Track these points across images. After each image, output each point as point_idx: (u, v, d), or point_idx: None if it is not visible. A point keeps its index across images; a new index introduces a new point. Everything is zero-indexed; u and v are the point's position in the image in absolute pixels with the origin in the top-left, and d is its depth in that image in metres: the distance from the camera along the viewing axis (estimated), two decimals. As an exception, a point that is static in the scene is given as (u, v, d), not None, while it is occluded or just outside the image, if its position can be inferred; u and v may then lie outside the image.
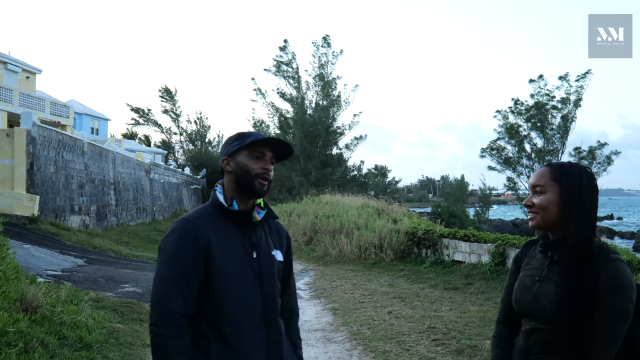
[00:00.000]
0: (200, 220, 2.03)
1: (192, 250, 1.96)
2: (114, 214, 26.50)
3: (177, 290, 1.92)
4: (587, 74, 36.21)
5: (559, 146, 37.91)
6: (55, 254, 12.60)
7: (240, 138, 2.11)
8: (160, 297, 1.93)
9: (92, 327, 5.71)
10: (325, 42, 42.67)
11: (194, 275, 1.95)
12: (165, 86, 69.38)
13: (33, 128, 18.47)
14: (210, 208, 2.10)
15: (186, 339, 1.92)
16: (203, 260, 1.97)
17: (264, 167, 2.08)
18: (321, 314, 8.37)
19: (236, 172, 2.08)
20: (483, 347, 5.93)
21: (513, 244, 9.90)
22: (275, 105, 44.53)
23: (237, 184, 2.09)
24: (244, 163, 2.07)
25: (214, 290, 1.98)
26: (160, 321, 1.91)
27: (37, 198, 17.78)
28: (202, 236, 1.98)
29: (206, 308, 1.98)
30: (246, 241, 2.08)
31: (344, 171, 44.15)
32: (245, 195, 2.10)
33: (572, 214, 1.90)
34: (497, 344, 2.16)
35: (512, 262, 2.19)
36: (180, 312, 1.92)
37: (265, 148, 2.10)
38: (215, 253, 1.98)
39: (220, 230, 2.04)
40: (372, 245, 14.03)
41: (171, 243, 1.99)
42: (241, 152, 2.08)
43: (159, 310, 1.92)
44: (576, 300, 1.82)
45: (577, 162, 2.03)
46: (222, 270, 1.98)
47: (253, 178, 2.06)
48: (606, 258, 1.84)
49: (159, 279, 1.97)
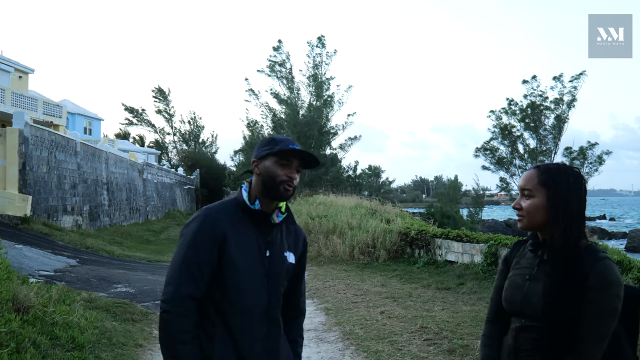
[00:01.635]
0: (220, 213, 2.16)
1: (208, 240, 2.09)
2: (106, 214, 26.43)
3: (189, 273, 2.06)
4: (581, 75, 36.42)
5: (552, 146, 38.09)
6: (48, 254, 12.56)
7: (271, 144, 2.20)
8: (173, 278, 2.07)
9: (84, 328, 5.70)
10: (320, 42, 42.67)
11: (207, 263, 2.08)
12: (159, 86, 69.28)
13: (25, 128, 18.39)
14: (233, 203, 2.23)
15: (191, 319, 2.04)
16: (217, 250, 2.09)
17: (289, 175, 2.17)
18: (314, 313, 8.38)
19: (263, 175, 2.18)
20: (475, 346, 5.96)
21: (505, 244, 9.93)
22: (269, 106, 44.48)
23: (263, 187, 2.19)
24: (271, 169, 2.17)
25: (226, 280, 2.11)
26: (170, 299, 2.04)
27: (30, 198, 17.71)
28: (220, 228, 2.11)
29: (217, 296, 2.11)
30: (261, 239, 2.19)
31: (338, 171, 44.14)
32: (269, 198, 2.20)
33: (559, 218, 1.92)
34: (486, 343, 2.18)
35: (502, 261, 2.22)
36: (190, 294, 2.04)
37: (292, 156, 2.19)
38: (230, 246, 2.10)
39: (238, 225, 2.16)
40: (365, 245, 14.04)
41: (190, 230, 2.12)
42: (270, 157, 2.18)
43: (171, 290, 2.05)
44: (565, 298, 1.85)
45: (565, 164, 2.05)
46: (235, 262, 2.11)
47: (278, 184, 2.16)
48: (595, 257, 1.87)
49: (175, 261, 2.10)
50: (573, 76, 36.57)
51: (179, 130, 67.63)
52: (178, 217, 39.18)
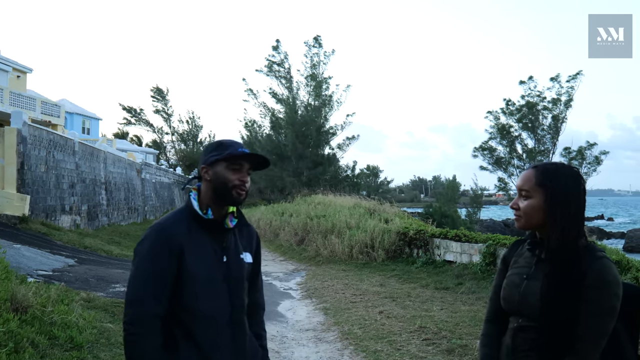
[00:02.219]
0: (173, 226, 2.12)
1: (165, 255, 2.05)
2: (105, 214, 26.39)
3: (151, 291, 2.02)
4: (578, 75, 36.43)
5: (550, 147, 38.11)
6: (46, 254, 12.53)
7: (219, 149, 2.17)
8: (135, 298, 2.03)
9: (82, 327, 5.68)
10: (317, 42, 42.67)
11: (167, 278, 2.05)
12: (157, 86, 69.36)
13: (24, 127, 18.36)
14: (185, 213, 2.18)
15: (158, 338, 2.02)
16: (176, 264, 2.06)
17: (241, 179, 2.15)
18: (313, 313, 8.38)
19: (214, 181, 2.15)
20: (474, 346, 5.96)
21: (504, 244, 9.94)
22: (267, 106, 44.53)
23: (215, 193, 2.16)
24: (222, 174, 2.14)
25: (185, 292, 2.08)
26: (134, 320, 2.00)
27: (28, 198, 17.67)
28: (176, 241, 2.08)
29: (177, 310, 2.08)
30: (217, 246, 2.17)
31: (336, 171, 44.14)
32: (221, 204, 2.18)
33: (557, 219, 1.92)
34: (485, 343, 2.18)
35: (501, 261, 2.22)
36: (154, 312, 2.02)
37: (242, 160, 2.17)
38: (187, 258, 2.08)
39: (192, 235, 2.13)
40: (364, 245, 14.04)
41: (146, 247, 2.08)
42: (219, 162, 2.15)
43: (133, 310, 2.01)
44: (563, 298, 1.85)
45: (563, 163, 2.04)
46: (194, 274, 2.08)
47: (230, 189, 2.14)
48: (592, 256, 1.87)
49: (134, 281, 2.06)
50: (570, 76, 36.61)
51: (177, 130, 67.64)
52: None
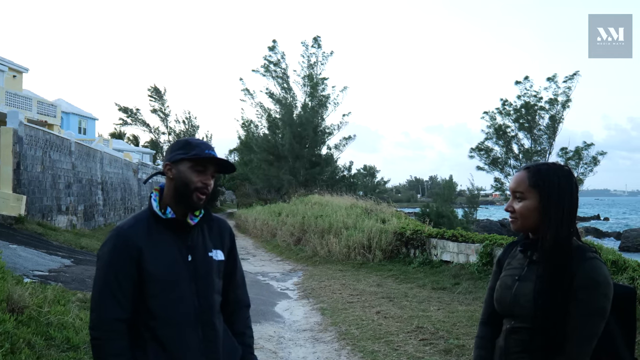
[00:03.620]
0: (132, 228, 2.09)
1: (124, 258, 2.03)
2: (101, 214, 26.35)
3: (111, 296, 2.01)
4: (575, 75, 36.47)
5: (547, 147, 38.13)
6: (42, 254, 12.49)
7: (186, 147, 2.12)
8: (96, 303, 2.03)
9: (79, 328, 5.67)
10: (315, 42, 42.62)
11: (127, 282, 2.03)
12: (154, 85, 69.24)
13: (20, 127, 18.31)
14: (146, 214, 2.16)
15: (122, 341, 2.01)
16: (135, 266, 2.04)
17: (204, 182, 2.11)
18: (310, 314, 8.38)
19: (176, 180, 2.11)
20: (471, 346, 5.96)
21: (501, 244, 9.96)
22: (263, 106, 44.43)
23: (176, 193, 2.12)
24: (185, 174, 2.10)
25: (146, 295, 2.05)
26: (96, 326, 2.00)
27: (24, 198, 17.63)
28: (134, 244, 2.05)
29: (142, 312, 2.06)
30: (182, 245, 2.12)
31: (333, 171, 44.11)
32: (182, 206, 2.13)
33: (551, 220, 1.92)
34: (480, 344, 2.19)
35: (495, 263, 2.22)
36: (115, 317, 2.01)
37: (208, 162, 2.12)
38: (146, 260, 2.05)
39: (153, 236, 2.09)
40: (361, 245, 14.05)
41: (105, 252, 2.07)
42: (184, 162, 2.11)
43: (95, 316, 2.02)
44: (553, 299, 1.85)
45: (555, 163, 2.04)
46: (153, 275, 2.05)
47: (192, 191, 2.09)
48: (583, 256, 1.86)
49: (96, 286, 2.05)
50: (567, 76, 36.64)
51: (174, 129, 67.49)
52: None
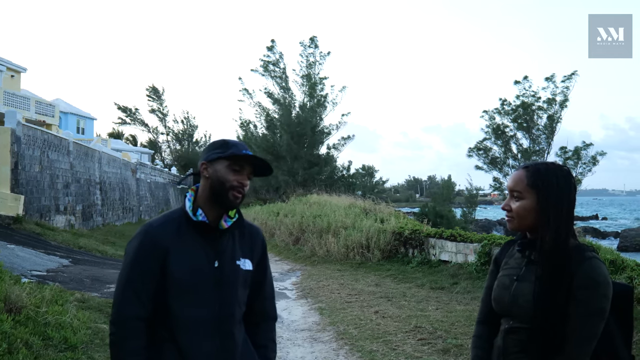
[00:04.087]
0: (161, 227, 2.06)
1: (149, 256, 2.01)
2: (99, 214, 26.32)
3: (133, 293, 1.99)
4: (573, 75, 36.49)
5: (545, 146, 38.16)
6: (40, 254, 12.48)
7: (223, 147, 2.11)
8: (118, 299, 2.00)
9: (77, 328, 5.66)
10: (313, 42, 42.61)
11: (150, 280, 2.00)
12: (153, 85, 69.11)
13: (18, 127, 18.29)
14: (178, 214, 2.12)
15: (139, 340, 1.97)
16: (159, 266, 2.01)
17: (240, 181, 2.08)
18: (308, 313, 8.37)
19: (212, 179, 2.08)
20: (469, 346, 5.95)
21: (499, 243, 9.96)
22: (262, 105, 44.43)
23: (211, 192, 2.09)
24: (222, 173, 2.07)
25: (169, 296, 2.02)
26: (116, 321, 1.98)
27: (22, 198, 17.61)
28: (161, 243, 2.02)
29: (162, 312, 2.03)
30: (210, 250, 2.08)
31: (332, 171, 44.12)
32: (216, 205, 2.10)
33: (550, 221, 1.91)
34: (477, 344, 2.18)
35: (492, 262, 2.21)
36: (135, 315, 1.98)
37: (245, 162, 2.10)
38: (171, 261, 2.01)
39: (182, 237, 2.06)
40: (359, 245, 14.04)
41: (132, 248, 2.05)
42: (221, 161, 2.08)
43: (115, 311, 2.00)
44: (553, 299, 1.84)
45: (554, 163, 2.02)
46: (176, 278, 2.01)
47: (227, 190, 2.06)
48: (582, 256, 1.85)
49: (119, 281, 2.03)
50: (565, 76, 36.67)
51: (172, 129, 67.51)
52: (171, 216, 38.99)
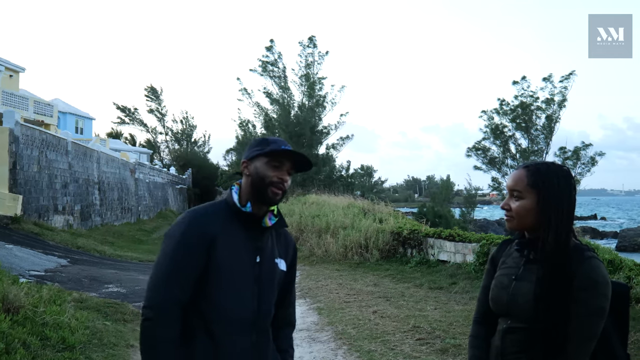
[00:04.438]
0: (210, 215, 2.05)
1: (196, 242, 1.97)
2: (98, 214, 26.30)
3: (175, 277, 1.94)
4: (571, 75, 36.53)
5: (544, 146, 38.19)
6: (39, 254, 12.48)
7: (262, 144, 2.11)
8: (157, 282, 1.95)
9: (75, 328, 5.66)
10: (312, 42, 42.60)
11: (194, 267, 1.96)
12: (151, 85, 69.03)
13: (16, 127, 18.27)
14: (222, 205, 2.11)
15: (175, 328, 1.93)
16: (205, 253, 1.97)
17: (279, 177, 2.07)
18: (306, 313, 8.36)
19: (253, 176, 2.08)
20: (467, 345, 5.96)
21: (497, 243, 9.93)
22: (261, 105, 44.40)
23: (252, 189, 2.09)
24: (261, 170, 2.07)
25: (211, 285, 1.98)
26: (153, 305, 1.91)
27: (20, 198, 17.60)
28: (209, 230, 1.99)
29: (201, 303, 1.98)
30: (251, 244, 2.07)
31: (330, 171, 44.11)
32: (258, 201, 2.09)
33: (551, 221, 1.90)
34: (474, 344, 2.17)
35: (489, 261, 2.20)
36: (175, 299, 1.92)
37: (284, 158, 2.09)
38: (218, 250, 1.98)
39: (228, 228, 2.04)
40: (358, 245, 14.03)
41: (178, 231, 2.00)
42: (261, 158, 2.08)
43: (153, 295, 1.93)
44: (553, 299, 1.83)
45: (554, 163, 2.02)
46: (223, 267, 1.99)
47: (267, 185, 2.06)
48: (581, 256, 1.85)
49: (160, 264, 1.97)
50: (563, 76, 36.73)
51: (171, 129, 67.46)
52: (170, 216, 39.04)
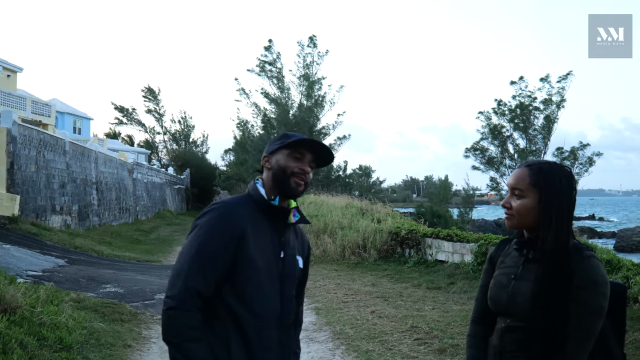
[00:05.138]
0: (239, 207, 2.02)
1: (226, 234, 1.94)
2: (96, 214, 26.25)
3: (201, 268, 1.90)
4: (569, 75, 36.59)
5: (542, 146, 38.26)
6: (36, 254, 12.45)
7: (283, 138, 2.12)
8: (182, 271, 1.91)
9: (72, 328, 5.65)
10: (311, 42, 42.62)
11: (220, 259, 1.93)
12: (149, 85, 68.98)
13: (13, 127, 18.23)
14: (247, 199, 2.08)
15: (199, 315, 1.89)
16: (234, 247, 1.94)
17: (301, 167, 2.07)
18: (304, 313, 8.30)
19: (274, 169, 2.08)
20: (464, 345, 5.96)
21: (495, 243, 9.94)
22: (259, 106, 44.40)
23: (274, 182, 2.08)
24: (283, 162, 2.07)
25: (242, 279, 1.96)
26: (177, 294, 1.88)
27: (18, 198, 17.55)
28: (239, 223, 1.97)
29: (231, 297, 1.95)
30: (276, 240, 2.06)
31: (329, 171, 44.12)
32: (280, 194, 2.09)
33: (552, 221, 1.90)
34: (472, 343, 2.17)
35: (487, 260, 2.19)
36: (199, 290, 1.89)
37: (305, 150, 2.09)
38: (248, 243, 1.96)
39: (255, 222, 2.01)
40: (356, 245, 14.04)
41: (207, 222, 1.97)
42: (282, 150, 2.08)
43: (179, 283, 1.89)
44: (552, 298, 1.83)
45: (556, 162, 2.01)
46: (253, 261, 1.96)
47: (289, 176, 2.05)
48: (580, 255, 1.85)
49: (187, 253, 1.94)
50: (561, 76, 36.80)
51: (169, 129, 67.36)
52: (168, 217, 38.97)
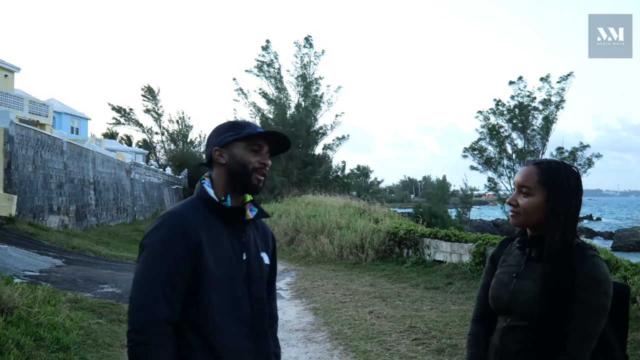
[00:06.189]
0: (189, 215, 1.82)
1: (180, 249, 1.75)
2: (93, 214, 26.21)
3: (162, 293, 1.72)
4: (569, 76, 36.61)
5: (540, 147, 38.28)
6: (33, 255, 12.41)
7: (235, 128, 1.93)
8: (143, 301, 1.72)
9: (69, 328, 5.63)
10: (308, 42, 42.64)
11: (181, 277, 1.75)
12: (148, 85, 68.78)
13: (11, 127, 18.19)
14: (196, 203, 1.89)
15: (171, 348, 1.72)
16: (193, 260, 1.76)
17: (261, 162, 1.91)
18: (302, 314, 8.34)
19: (231, 164, 1.90)
20: (463, 346, 5.95)
21: (493, 243, 9.96)
22: (257, 106, 44.39)
23: (231, 178, 1.90)
24: (241, 156, 1.89)
25: (202, 294, 1.78)
26: (142, 328, 1.69)
27: (15, 198, 17.51)
28: (193, 233, 1.78)
29: (192, 314, 1.78)
30: (235, 241, 1.89)
31: (327, 171, 44.15)
32: (238, 191, 1.93)
33: (559, 220, 1.89)
34: (473, 342, 2.15)
35: (488, 259, 2.19)
36: (166, 318, 1.72)
37: (262, 141, 1.93)
38: (206, 252, 1.78)
39: (209, 227, 1.83)
40: (354, 245, 14.03)
41: (157, 239, 1.77)
42: (237, 143, 1.90)
43: (141, 316, 1.70)
44: (554, 297, 1.83)
45: (564, 162, 2.01)
46: (213, 272, 1.79)
47: (250, 173, 1.89)
48: (583, 255, 1.85)
49: (142, 280, 1.74)
50: (561, 77, 36.83)
51: (167, 129, 67.27)
52: (166, 217, 38.89)
